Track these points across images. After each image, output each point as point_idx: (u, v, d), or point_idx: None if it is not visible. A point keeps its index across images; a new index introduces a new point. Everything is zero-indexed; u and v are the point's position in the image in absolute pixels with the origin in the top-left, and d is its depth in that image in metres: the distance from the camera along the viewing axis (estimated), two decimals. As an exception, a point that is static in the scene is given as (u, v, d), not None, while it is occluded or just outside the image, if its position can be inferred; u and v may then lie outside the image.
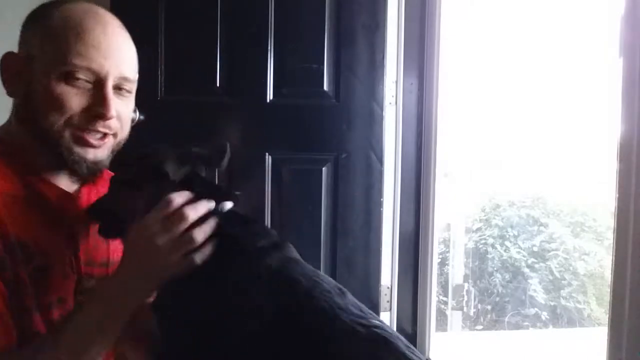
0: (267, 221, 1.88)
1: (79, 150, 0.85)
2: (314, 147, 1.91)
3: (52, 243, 0.86)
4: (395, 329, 2.01)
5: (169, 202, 0.77)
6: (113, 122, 0.87)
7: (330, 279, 0.83)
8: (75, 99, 0.81)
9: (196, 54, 1.87)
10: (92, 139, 0.86)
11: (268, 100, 1.88)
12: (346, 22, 1.89)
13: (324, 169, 1.90)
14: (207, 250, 0.79)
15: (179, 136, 1.38)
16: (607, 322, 1.20)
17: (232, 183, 1.84)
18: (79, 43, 0.80)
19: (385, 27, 1.90)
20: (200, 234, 0.78)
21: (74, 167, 0.87)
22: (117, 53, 0.85)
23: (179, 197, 0.78)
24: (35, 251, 0.83)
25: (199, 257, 0.78)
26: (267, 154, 1.88)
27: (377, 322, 0.77)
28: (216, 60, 1.85)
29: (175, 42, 1.85)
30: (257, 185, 1.87)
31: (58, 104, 0.81)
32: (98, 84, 0.83)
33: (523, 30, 2.99)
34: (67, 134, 0.83)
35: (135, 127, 1.00)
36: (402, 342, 0.75)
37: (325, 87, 1.89)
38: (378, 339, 0.73)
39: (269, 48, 1.87)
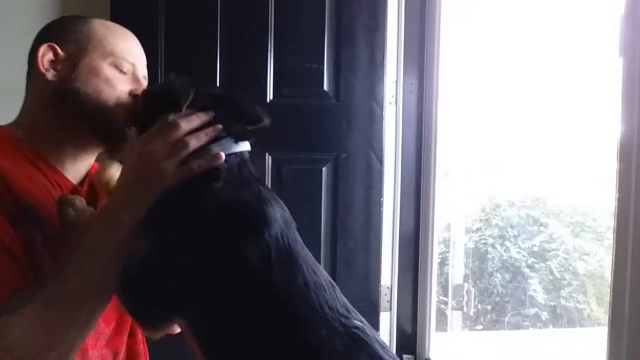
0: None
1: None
2: (314, 147, 1.91)
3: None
4: (395, 329, 2.01)
5: (165, 118, 0.83)
6: None
7: (323, 271, 0.84)
8: (121, 82, 0.98)
9: (196, 54, 1.87)
10: None
11: (268, 100, 1.88)
12: (346, 22, 1.89)
13: (324, 169, 1.90)
14: (205, 161, 0.81)
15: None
16: (607, 322, 1.20)
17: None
18: (126, 44, 1.00)
19: (385, 27, 1.90)
20: (193, 140, 0.82)
21: (119, 141, 0.97)
22: (144, 58, 1.05)
23: (175, 115, 0.83)
24: (47, 218, 0.87)
25: (195, 164, 0.81)
26: (267, 154, 1.88)
27: (358, 323, 0.79)
28: (216, 60, 1.85)
29: (175, 42, 1.85)
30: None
31: (110, 83, 0.97)
32: (134, 75, 1.01)
33: (523, 30, 2.99)
34: (118, 112, 0.96)
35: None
36: (378, 343, 0.78)
37: (325, 87, 1.89)
38: (355, 339, 0.77)
39: (269, 48, 1.87)
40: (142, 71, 1.03)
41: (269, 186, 1.87)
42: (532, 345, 2.66)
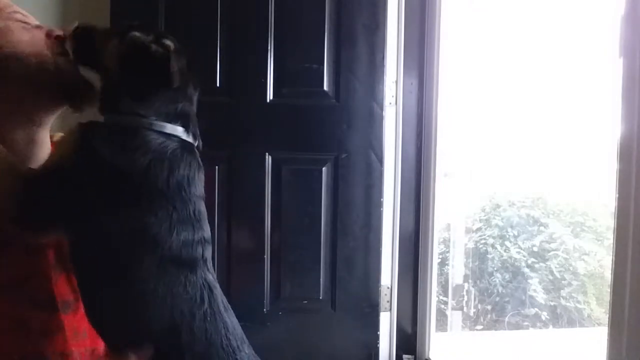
0: (267, 221, 1.88)
1: None
2: (314, 147, 1.91)
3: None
4: (395, 329, 2.02)
5: None
6: None
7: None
8: (32, 31, 0.89)
9: (196, 54, 1.86)
10: None
11: (268, 100, 1.88)
12: (346, 22, 1.89)
13: (324, 169, 1.90)
14: None
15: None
16: (607, 322, 1.20)
17: (232, 184, 1.84)
18: None
19: (385, 27, 1.90)
20: None
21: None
22: None
23: None
24: None
25: None
26: (267, 154, 1.88)
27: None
28: (216, 60, 1.85)
29: (175, 42, 1.84)
30: (257, 185, 1.87)
31: (28, 37, 0.87)
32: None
33: (523, 30, 2.99)
34: (58, 60, 0.89)
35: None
36: None
37: (325, 87, 1.89)
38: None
39: (269, 48, 1.87)
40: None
41: (269, 186, 1.88)
42: (532, 345, 2.65)
